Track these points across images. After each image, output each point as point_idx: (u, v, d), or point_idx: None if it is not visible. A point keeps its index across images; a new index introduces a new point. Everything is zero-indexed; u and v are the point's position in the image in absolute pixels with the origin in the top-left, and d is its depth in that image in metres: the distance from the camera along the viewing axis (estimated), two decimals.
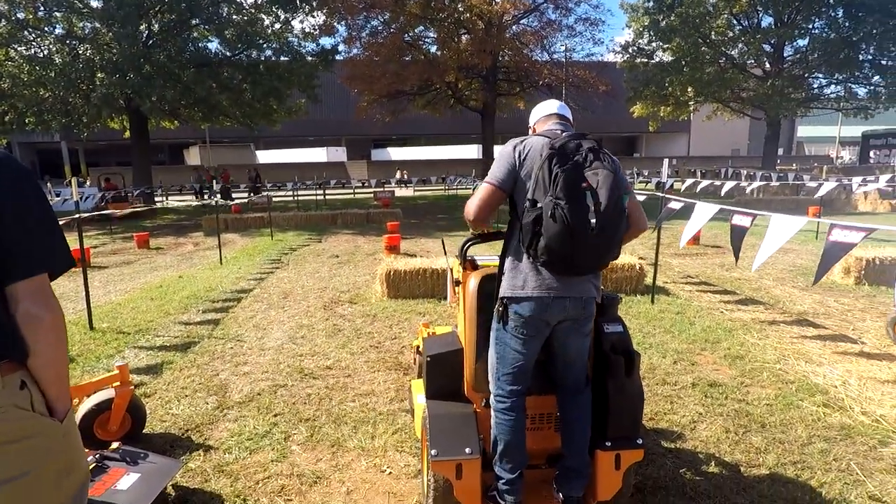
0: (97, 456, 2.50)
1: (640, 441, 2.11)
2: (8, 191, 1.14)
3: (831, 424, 3.09)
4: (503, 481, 2.06)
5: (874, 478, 2.59)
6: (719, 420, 3.15)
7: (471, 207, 2.05)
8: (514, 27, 22.55)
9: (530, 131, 2.25)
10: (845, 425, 3.07)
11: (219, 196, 17.09)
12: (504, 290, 2.02)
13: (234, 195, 21.35)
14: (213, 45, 19.42)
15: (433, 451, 2.05)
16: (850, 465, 2.69)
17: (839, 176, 16.82)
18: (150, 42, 17.36)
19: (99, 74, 15.56)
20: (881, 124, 28.53)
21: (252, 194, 20.84)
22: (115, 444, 2.65)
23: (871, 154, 27.18)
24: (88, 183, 24.27)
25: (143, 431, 3.05)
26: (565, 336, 2.04)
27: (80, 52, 16.25)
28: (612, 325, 2.17)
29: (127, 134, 20.30)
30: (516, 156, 2.02)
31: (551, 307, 1.96)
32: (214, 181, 21.08)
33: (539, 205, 1.87)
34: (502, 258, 2.08)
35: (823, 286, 6.34)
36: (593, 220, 1.79)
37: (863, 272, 6.21)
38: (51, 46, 16.92)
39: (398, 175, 26.92)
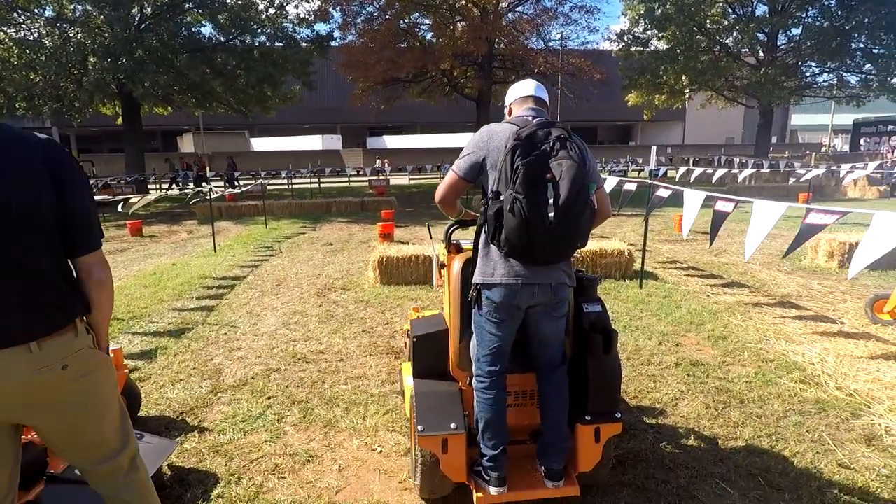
0: None
1: (618, 415, 2.20)
2: (68, 173, 1.42)
3: (806, 399, 3.20)
4: (487, 458, 2.14)
5: (844, 447, 2.71)
6: (700, 397, 3.26)
7: (438, 192, 2.20)
8: (509, 14, 22.41)
9: (507, 110, 2.29)
10: (820, 399, 3.19)
11: (192, 185, 16.77)
12: (477, 276, 2.09)
13: (212, 184, 20.95)
14: (207, 30, 19.30)
15: (420, 427, 2.13)
16: (823, 436, 2.81)
17: (830, 163, 16.94)
18: (143, 26, 17.15)
19: (91, 59, 15.37)
20: (873, 112, 28.64)
21: (227, 184, 20.10)
22: None
23: (862, 141, 27.31)
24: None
25: (138, 415, 3.12)
26: (538, 320, 2.11)
27: (72, 35, 16.01)
28: (590, 305, 2.25)
29: (119, 120, 20.14)
30: (483, 145, 2.07)
31: (520, 293, 2.02)
32: (191, 169, 20.68)
33: (502, 197, 1.91)
34: (475, 244, 2.14)
35: (807, 269, 6.46)
36: (551, 214, 1.82)
37: (846, 255, 6.33)
38: (41, 29, 16.67)
39: (378, 164, 26.56)
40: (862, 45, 20.04)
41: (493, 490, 2.12)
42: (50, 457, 2.14)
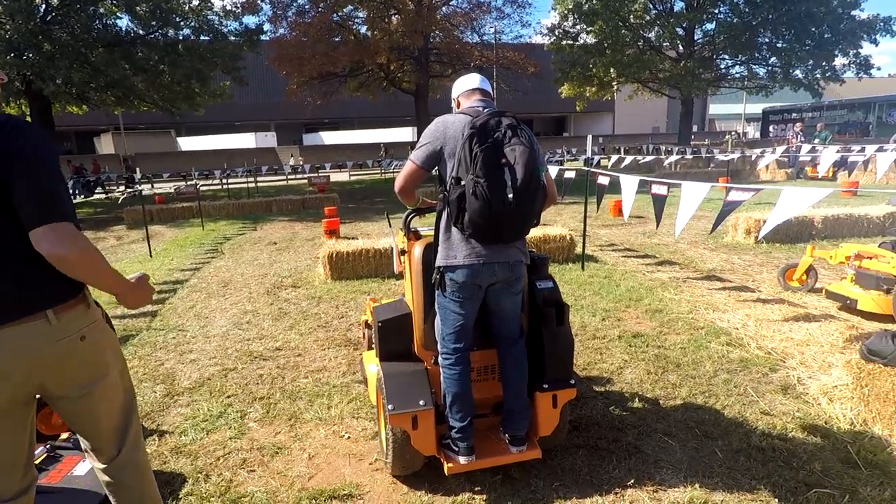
0: (48, 447, 2.49)
1: (572, 381, 2.40)
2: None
3: (732, 359, 3.57)
4: (455, 430, 2.27)
5: (765, 398, 3.06)
6: (642, 364, 3.55)
7: (397, 182, 2.34)
8: (444, 8, 22.54)
9: (454, 103, 2.42)
10: (744, 359, 3.57)
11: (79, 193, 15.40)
12: (440, 260, 2.22)
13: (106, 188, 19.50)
14: (124, 23, 18.09)
15: (390, 406, 2.23)
16: (747, 389, 3.16)
17: (744, 149, 18.34)
18: (49, 17, 15.86)
19: None
20: (781, 101, 31.16)
21: (126, 188, 18.03)
22: (64, 435, 2.63)
23: (771, 129, 29.72)
24: None
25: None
26: (498, 296, 2.27)
27: None
28: (543, 283, 2.43)
29: (28, 120, 18.55)
30: (439, 135, 2.20)
31: (482, 272, 2.17)
32: (81, 174, 19.16)
33: (462, 182, 2.05)
34: (436, 230, 2.27)
35: (729, 246, 7.06)
36: (510, 195, 1.99)
37: (760, 232, 6.96)
38: None
39: (292, 161, 25.79)
40: (767, 40, 21.80)
41: (462, 459, 2.25)
42: None
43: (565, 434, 2.56)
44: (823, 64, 21.01)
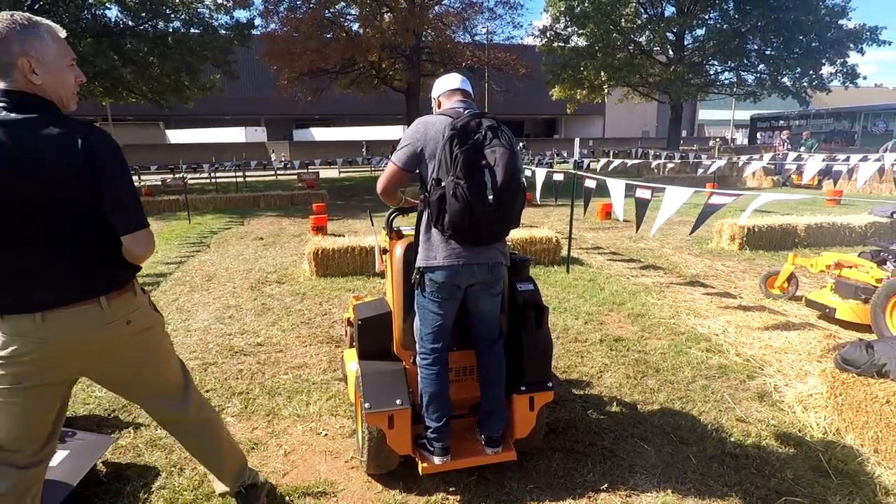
0: None
1: (550, 384, 2.41)
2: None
3: (711, 365, 3.60)
4: (431, 430, 2.27)
5: (742, 405, 3.10)
6: (622, 369, 3.57)
7: (379, 184, 2.33)
8: (436, 7, 22.50)
9: (434, 103, 2.41)
10: (722, 365, 3.60)
11: None
12: (420, 260, 2.21)
13: None
14: (113, 13, 17.78)
15: (367, 405, 2.22)
16: (724, 396, 3.19)
17: (731, 155, 18.54)
18: (37, 6, 15.61)
19: None
20: (770, 108, 31.56)
21: None
22: None
23: (759, 135, 30.07)
24: None
25: (66, 415, 2.97)
26: (477, 297, 2.26)
27: None
28: (523, 284, 2.43)
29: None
30: (420, 136, 2.19)
31: (461, 273, 2.16)
32: None
33: (443, 183, 2.04)
34: (417, 231, 2.26)
35: (713, 252, 7.13)
36: (490, 197, 1.99)
37: (745, 239, 7.05)
38: None
39: (273, 156, 25.46)
40: (756, 47, 22.02)
41: (437, 459, 2.25)
42: None
43: (542, 437, 2.56)
44: (811, 72, 21.28)
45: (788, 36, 20.37)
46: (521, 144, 28.48)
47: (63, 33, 1.64)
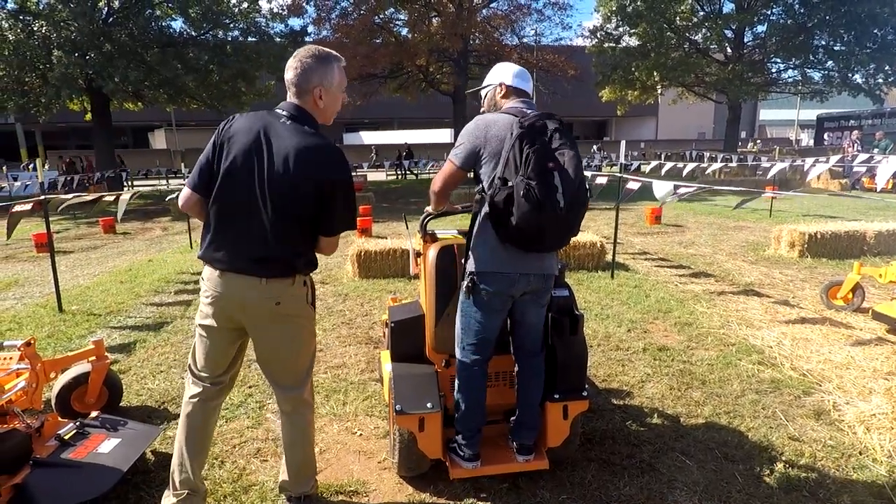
0: (77, 423, 2.61)
1: (585, 393, 2.34)
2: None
3: (763, 379, 3.41)
4: (462, 437, 2.25)
5: (795, 422, 2.91)
6: (665, 379, 3.44)
7: (435, 183, 2.27)
8: (484, 10, 22.50)
9: (498, 90, 2.25)
10: (775, 379, 3.40)
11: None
12: (473, 265, 2.13)
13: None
14: (178, 25, 18.85)
15: (398, 407, 2.23)
16: (776, 412, 3.01)
17: (795, 157, 17.51)
18: (111, 19, 16.73)
19: (56, 52, 14.93)
20: (838, 107, 29.64)
21: (105, 183, 16.53)
22: (94, 413, 2.76)
23: (826, 136, 28.27)
24: (47, 166, 23.32)
25: (120, 405, 3.15)
26: (525, 307, 2.20)
27: (35, 28, 15.52)
28: (559, 290, 2.38)
29: (88, 116, 19.60)
30: (480, 134, 2.10)
31: (517, 282, 2.10)
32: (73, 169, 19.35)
33: (510, 183, 1.94)
34: (470, 233, 2.18)
35: (770, 259, 6.75)
36: (562, 201, 1.89)
37: (805, 246, 6.64)
38: (3, 22, 16.13)
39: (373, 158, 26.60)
40: (824, 43, 20.71)
41: (467, 465, 2.24)
42: (35, 442, 2.19)
43: (576, 446, 2.50)
44: (886, 68, 19.82)
45: (861, 30, 19.05)
46: (594, 147, 27.95)
47: (343, 62, 2.03)
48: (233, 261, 1.91)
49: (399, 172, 24.92)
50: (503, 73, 2.26)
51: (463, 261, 2.22)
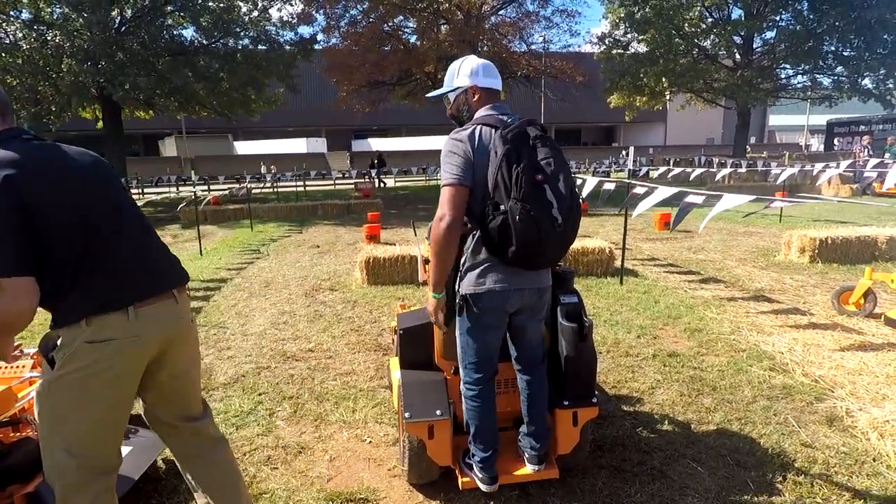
0: None
1: (594, 399, 2.33)
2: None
3: (774, 385, 3.38)
4: (477, 459, 2.22)
5: (807, 428, 2.88)
6: (675, 385, 3.41)
7: (444, 214, 1.92)
8: (492, 18, 22.64)
9: (469, 93, 2.10)
10: (787, 385, 3.37)
11: None
12: (466, 286, 2.07)
13: None
14: (189, 33, 19.16)
15: (407, 414, 2.24)
16: (788, 418, 2.98)
17: (805, 163, 17.40)
18: (123, 28, 17.00)
19: (67, 61, 15.18)
20: (847, 112, 29.42)
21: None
22: None
23: (836, 142, 28.05)
24: None
25: (130, 413, 3.17)
26: (522, 323, 2.18)
27: (49, 38, 15.82)
28: (567, 297, 2.38)
29: (100, 124, 19.90)
30: (469, 148, 1.94)
31: (511, 299, 2.06)
32: None
33: (502, 207, 1.85)
34: (460, 255, 2.09)
35: (781, 265, 6.70)
36: (559, 217, 1.85)
37: (816, 251, 6.58)
38: (17, 32, 16.44)
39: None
40: (833, 48, 20.63)
41: (485, 488, 2.20)
42: None
43: (587, 453, 2.49)
44: None
45: (870, 35, 18.96)
46: (623, 153, 27.73)
47: None
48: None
49: (367, 180, 23.19)
50: (471, 73, 2.07)
51: (456, 282, 2.14)
